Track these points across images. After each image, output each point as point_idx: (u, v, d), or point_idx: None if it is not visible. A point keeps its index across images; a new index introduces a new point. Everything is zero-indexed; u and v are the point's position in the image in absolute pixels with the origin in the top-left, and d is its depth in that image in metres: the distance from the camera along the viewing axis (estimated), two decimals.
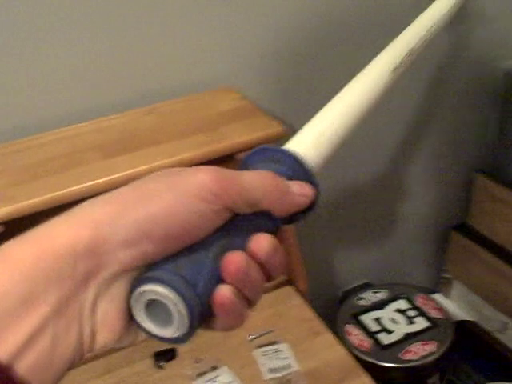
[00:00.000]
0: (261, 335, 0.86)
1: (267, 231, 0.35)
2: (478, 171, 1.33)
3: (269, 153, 0.39)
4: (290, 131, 1.06)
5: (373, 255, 1.41)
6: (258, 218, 0.35)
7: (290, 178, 0.38)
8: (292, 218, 0.38)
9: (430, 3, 0.81)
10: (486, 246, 1.30)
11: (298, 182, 0.38)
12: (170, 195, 0.31)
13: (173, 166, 0.77)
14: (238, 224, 0.34)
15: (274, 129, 0.81)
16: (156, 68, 0.93)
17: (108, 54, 0.89)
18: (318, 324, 0.89)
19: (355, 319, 1.23)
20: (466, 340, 1.34)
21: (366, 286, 1.37)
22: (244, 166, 0.40)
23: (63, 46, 0.85)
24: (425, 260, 1.50)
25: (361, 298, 1.30)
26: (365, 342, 1.17)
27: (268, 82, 1.02)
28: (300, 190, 0.37)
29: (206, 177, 0.32)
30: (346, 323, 1.22)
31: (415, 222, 1.42)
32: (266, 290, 0.87)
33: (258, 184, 0.34)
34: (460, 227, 1.38)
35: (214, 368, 0.83)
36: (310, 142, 0.44)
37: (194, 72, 0.95)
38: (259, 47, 0.99)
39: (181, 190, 0.31)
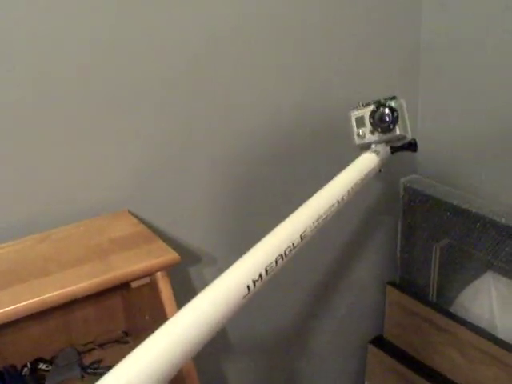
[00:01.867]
0: None
1: None
2: (390, 283, 1.35)
3: None
4: (186, 258, 1.05)
5: (294, 373, 1.37)
6: None
7: None
8: None
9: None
10: (402, 360, 1.29)
11: None
12: None
13: (59, 299, 0.73)
14: None
15: (168, 256, 0.80)
16: (51, 193, 0.91)
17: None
18: None
19: None
20: None
21: None
22: None
23: None
24: (346, 376, 1.47)
25: None
26: None
27: (166, 204, 1.02)
28: None
29: None
30: None
31: (333, 337, 1.40)
32: None
33: None
34: (376, 341, 1.37)
35: None
36: None
37: (90, 196, 0.94)
38: (156, 171, 1.00)
39: None
